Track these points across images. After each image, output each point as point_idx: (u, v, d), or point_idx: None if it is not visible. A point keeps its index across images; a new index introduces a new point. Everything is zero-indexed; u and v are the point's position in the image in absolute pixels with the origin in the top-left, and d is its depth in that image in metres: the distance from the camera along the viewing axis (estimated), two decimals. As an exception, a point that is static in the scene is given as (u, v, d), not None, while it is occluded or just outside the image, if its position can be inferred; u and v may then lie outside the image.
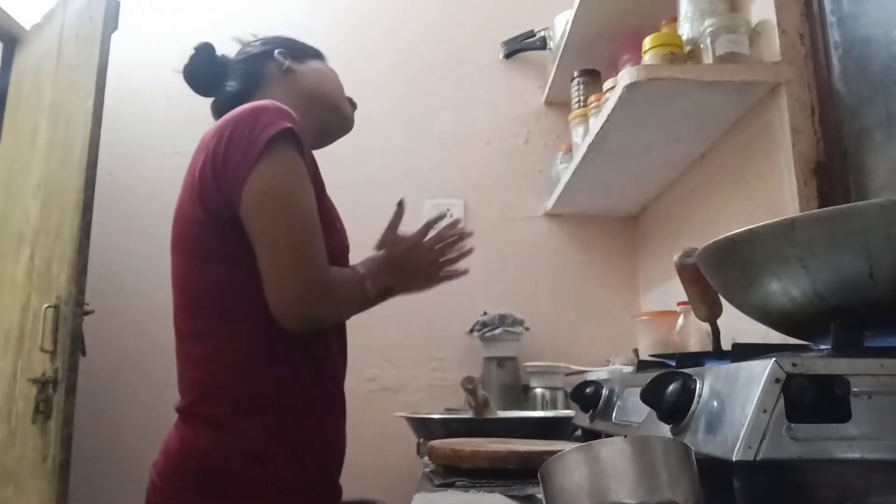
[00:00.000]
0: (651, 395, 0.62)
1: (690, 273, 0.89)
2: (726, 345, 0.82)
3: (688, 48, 1.35)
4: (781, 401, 0.50)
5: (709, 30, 1.31)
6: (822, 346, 0.70)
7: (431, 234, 1.09)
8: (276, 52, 1.18)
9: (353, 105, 1.25)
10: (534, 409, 1.79)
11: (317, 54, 1.25)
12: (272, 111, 0.96)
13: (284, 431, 0.96)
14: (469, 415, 1.33)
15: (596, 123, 1.57)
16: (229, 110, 1.02)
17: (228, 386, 0.96)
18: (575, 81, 1.94)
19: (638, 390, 0.65)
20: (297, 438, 0.97)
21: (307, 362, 1.00)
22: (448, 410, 1.71)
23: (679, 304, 1.43)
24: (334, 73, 1.24)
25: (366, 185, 2.20)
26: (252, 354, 0.96)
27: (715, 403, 0.56)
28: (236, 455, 0.93)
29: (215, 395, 0.97)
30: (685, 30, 1.39)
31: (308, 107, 1.13)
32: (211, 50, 1.20)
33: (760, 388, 0.50)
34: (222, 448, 0.93)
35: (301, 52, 1.21)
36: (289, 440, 0.96)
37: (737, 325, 0.86)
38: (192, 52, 1.19)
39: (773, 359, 0.51)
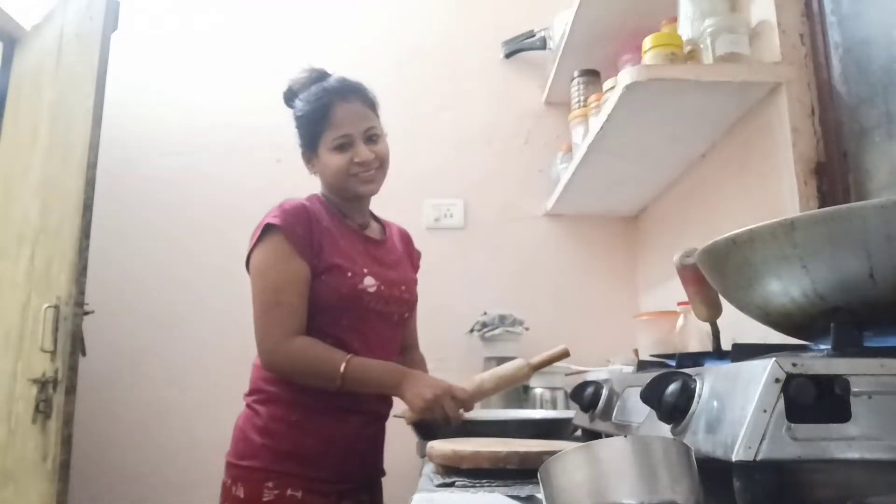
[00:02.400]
0: (651, 395, 0.62)
1: (690, 273, 0.89)
2: (726, 345, 0.82)
3: (688, 48, 1.35)
4: (781, 401, 0.50)
5: (709, 30, 1.31)
6: (822, 346, 0.70)
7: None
8: (302, 155, 1.40)
9: (361, 165, 1.34)
10: (534, 409, 1.79)
11: (319, 127, 1.34)
12: (276, 210, 1.29)
13: (286, 416, 1.28)
14: (469, 415, 1.32)
15: (596, 123, 1.57)
16: None
17: (257, 384, 1.33)
18: (575, 81, 1.94)
19: (638, 390, 0.65)
20: (295, 422, 1.28)
21: None
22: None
23: (679, 304, 1.43)
24: (332, 154, 1.34)
25: (366, 185, 2.19)
26: None
27: (715, 403, 0.56)
28: (253, 428, 1.29)
29: (251, 390, 1.34)
30: (685, 30, 1.39)
31: (333, 192, 1.39)
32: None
33: (760, 388, 0.50)
34: (248, 423, 1.31)
35: (310, 142, 1.37)
36: (288, 422, 1.28)
37: (737, 325, 0.86)
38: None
39: (773, 359, 0.51)
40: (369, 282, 1.32)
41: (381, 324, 1.37)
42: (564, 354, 1.35)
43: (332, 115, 1.33)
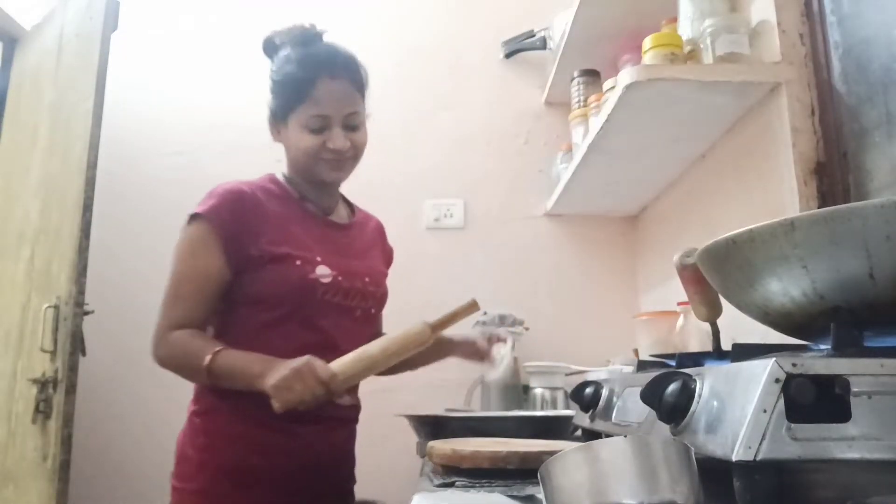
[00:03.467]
0: (651, 395, 0.62)
1: (690, 273, 0.89)
2: (726, 345, 0.82)
3: (688, 48, 1.35)
4: (781, 401, 0.50)
5: (709, 30, 1.31)
6: (822, 346, 0.70)
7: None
8: (268, 117, 1.27)
9: (334, 152, 1.20)
10: (534, 409, 1.79)
11: (297, 97, 1.19)
12: (205, 197, 1.20)
13: (226, 429, 1.15)
14: (469, 414, 1.32)
15: (596, 123, 1.57)
16: None
17: (197, 391, 1.22)
18: (575, 81, 1.94)
19: (638, 390, 0.65)
20: (237, 435, 1.14)
21: None
22: (448, 410, 1.71)
23: (679, 304, 1.43)
24: (302, 130, 1.20)
25: (366, 186, 2.19)
26: None
27: (715, 403, 0.56)
28: (191, 443, 1.17)
29: (193, 399, 1.22)
30: (685, 30, 1.39)
31: (295, 172, 1.27)
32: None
33: (760, 388, 0.50)
34: (186, 437, 1.19)
35: (281, 108, 1.23)
36: (229, 435, 1.15)
37: (737, 325, 0.86)
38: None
39: (773, 359, 0.51)
40: (323, 271, 1.18)
41: (343, 320, 1.21)
42: (473, 307, 1.17)
43: (314, 91, 1.17)
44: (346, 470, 1.28)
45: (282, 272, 1.15)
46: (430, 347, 1.17)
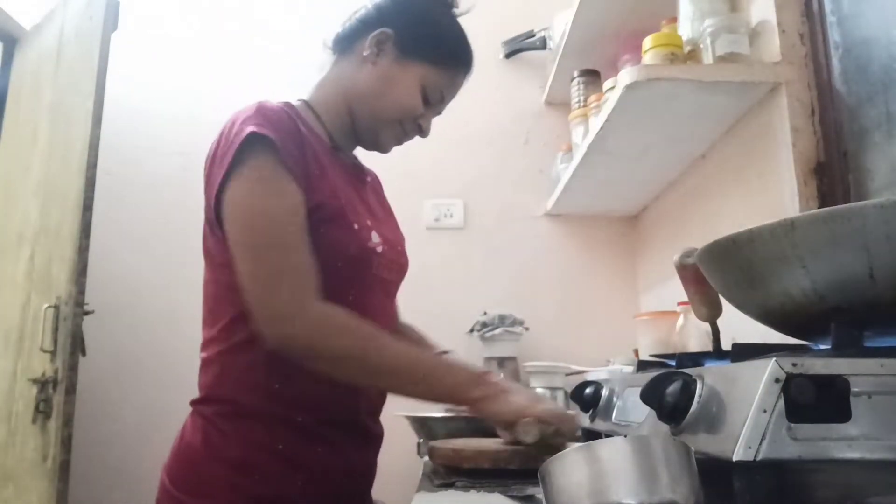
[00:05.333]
0: (651, 395, 0.62)
1: (690, 273, 0.89)
2: (726, 345, 0.82)
3: (688, 48, 1.35)
4: (781, 401, 0.50)
5: (709, 30, 1.31)
6: (822, 346, 0.70)
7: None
8: (378, 31, 1.02)
9: (419, 129, 1.07)
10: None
11: (440, 58, 1.04)
12: (251, 114, 0.91)
13: (269, 442, 0.90)
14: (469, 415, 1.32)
15: (596, 123, 1.57)
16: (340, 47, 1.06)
17: (221, 390, 0.94)
18: (575, 81, 1.94)
19: (638, 390, 0.65)
20: (281, 451, 0.90)
21: (314, 381, 0.90)
22: (448, 410, 1.70)
23: (679, 304, 1.43)
24: (417, 87, 1.02)
25: (366, 185, 2.20)
26: (253, 364, 0.92)
27: (715, 403, 0.56)
28: (217, 457, 0.90)
29: (209, 397, 0.95)
30: (685, 30, 1.39)
31: (350, 107, 1.04)
32: None
33: (760, 388, 0.50)
34: (208, 446, 0.91)
35: (414, 45, 1.02)
36: (272, 451, 0.89)
37: (737, 325, 0.86)
38: None
39: (773, 359, 0.51)
40: (376, 239, 0.97)
41: (384, 299, 1.04)
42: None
43: (456, 74, 1.06)
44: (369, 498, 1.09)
45: (339, 237, 0.92)
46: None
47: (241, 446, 0.89)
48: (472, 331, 2.08)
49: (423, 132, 1.07)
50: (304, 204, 0.89)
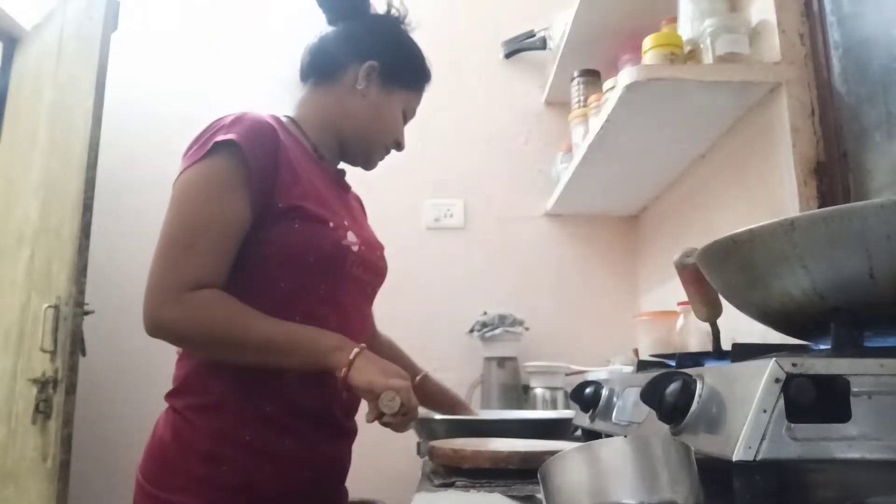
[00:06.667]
0: (651, 395, 0.62)
1: (690, 273, 0.89)
2: (726, 345, 0.82)
3: (688, 48, 1.35)
4: (781, 401, 0.50)
5: (709, 30, 1.31)
6: (822, 346, 0.70)
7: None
8: (367, 63, 1.11)
9: (398, 146, 1.20)
10: (534, 409, 1.79)
11: (414, 82, 1.18)
12: (230, 123, 0.97)
13: (236, 433, 0.93)
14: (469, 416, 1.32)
15: (596, 123, 1.57)
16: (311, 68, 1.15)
17: (192, 381, 0.97)
18: (575, 81, 1.94)
19: (638, 390, 0.65)
20: (249, 442, 0.93)
21: (281, 373, 0.95)
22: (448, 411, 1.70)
23: (679, 304, 1.43)
24: (400, 112, 1.17)
25: (365, 186, 2.20)
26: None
27: (715, 403, 0.56)
28: (188, 449, 0.93)
29: (181, 388, 0.98)
30: (685, 30, 1.39)
31: (341, 130, 1.13)
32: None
33: (760, 388, 0.50)
34: (178, 439, 0.94)
35: (395, 75, 1.13)
36: (241, 443, 0.92)
37: (737, 325, 0.86)
38: None
39: (773, 359, 0.51)
40: (352, 238, 1.02)
41: (358, 297, 1.07)
42: None
43: (422, 91, 1.21)
44: (342, 489, 1.14)
45: (315, 234, 0.97)
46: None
47: (210, 438, 0.93)
48: (472, 331, 2.08)
49: (402, 146, 1.20)
50: (244, 223, 0.94)
